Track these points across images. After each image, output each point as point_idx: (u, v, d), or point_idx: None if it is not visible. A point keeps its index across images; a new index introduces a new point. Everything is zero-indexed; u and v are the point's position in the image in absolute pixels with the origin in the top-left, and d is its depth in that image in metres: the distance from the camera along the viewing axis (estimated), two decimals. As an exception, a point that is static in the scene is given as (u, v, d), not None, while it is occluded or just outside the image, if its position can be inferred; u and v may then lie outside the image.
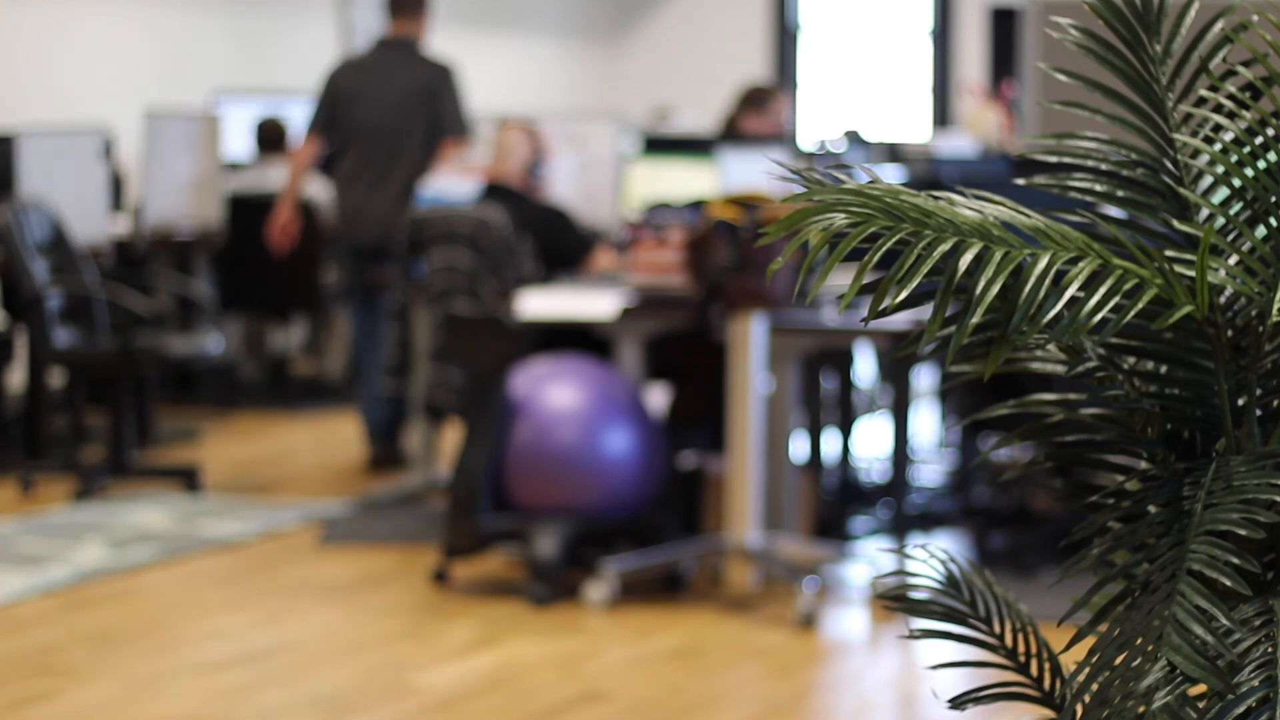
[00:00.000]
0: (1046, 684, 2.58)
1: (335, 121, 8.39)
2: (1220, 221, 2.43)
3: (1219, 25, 2.46)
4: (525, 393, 6.28)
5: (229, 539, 6.97)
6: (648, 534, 6.30)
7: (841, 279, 6.22)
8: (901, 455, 6.86)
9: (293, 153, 9.22)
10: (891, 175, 7.67)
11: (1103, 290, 2.17)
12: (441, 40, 13.19)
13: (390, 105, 8.28)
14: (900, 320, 5.97)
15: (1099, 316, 2.16)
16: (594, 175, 8.43)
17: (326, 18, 12.29)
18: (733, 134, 9.16)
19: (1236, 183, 2.39)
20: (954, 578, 2.62)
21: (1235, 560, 2.18)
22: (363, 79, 8.36)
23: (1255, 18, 2.45)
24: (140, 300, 8.25)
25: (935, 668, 2.58)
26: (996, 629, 2.60)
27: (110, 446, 7.89)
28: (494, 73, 13.69)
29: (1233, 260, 2.36)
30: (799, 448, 7.05)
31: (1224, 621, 2.17)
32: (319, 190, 9.73)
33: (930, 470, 8.04)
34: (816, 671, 5.61)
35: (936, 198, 2.27)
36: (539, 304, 6.69)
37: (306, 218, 9.54)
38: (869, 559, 6.68)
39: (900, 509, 6.85)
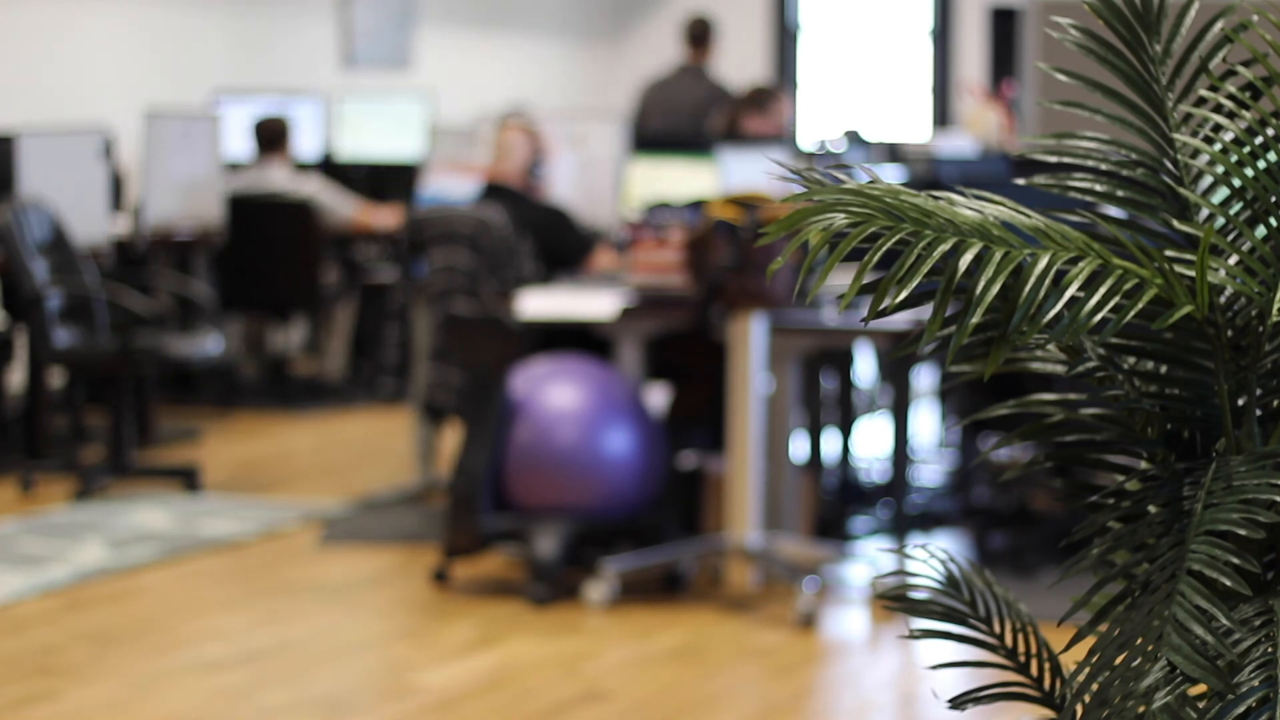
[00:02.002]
0: (1046, 684, 2.58)
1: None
2: (1220, 221, 2.43)
3: (1219, 25, 2.46)
4: (525, 393, 6.28)
5: (229, 539, 6.97)
6: (648, 534, 6.30)
7: (841, 279, 6.21)
8: (901, 455, 6.86)
9: None
10: (891, 175, 7.67)
11: (1103, 290, 2.17)
12: (441, 40, 13.20)
13: (682, 117, 10.48)
14: (900, 320, 5.96)
15: (1099, 316, 2.16)
16: (594, 175, 8.43)
17: (326, 18, 12.29)
18: (734, 134, 9.16)
19: (1236, 183, 2.39)
20: (954, 578, 2.62)
21: (1235, 560, 2.18)
22: (662, 96, 10.62)
23: (1255, 18, 2.45)
24: (140, 300, 8.25)
25: (935, 668, 2.58)
26: (996, 629, 2.59)
27: (110, 446, 7.89)
28: (494, 73, 13.69)
29: (1233, 260, 2.36)
30: (799, 448, 7.05)
31: (1224, 621, 2.17)
32: (319, 190, 9.73)
33: (930, 470, 8.04)
34: (816, 671, 5.61)
35: (936, 198, 2.27)
36: (539, 304, 6.69)
37: (306, 218, 9.54)
38: (869, 559, 6.68)
39: (900, 509, 6.85)
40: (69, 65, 10.32)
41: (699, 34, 10.95)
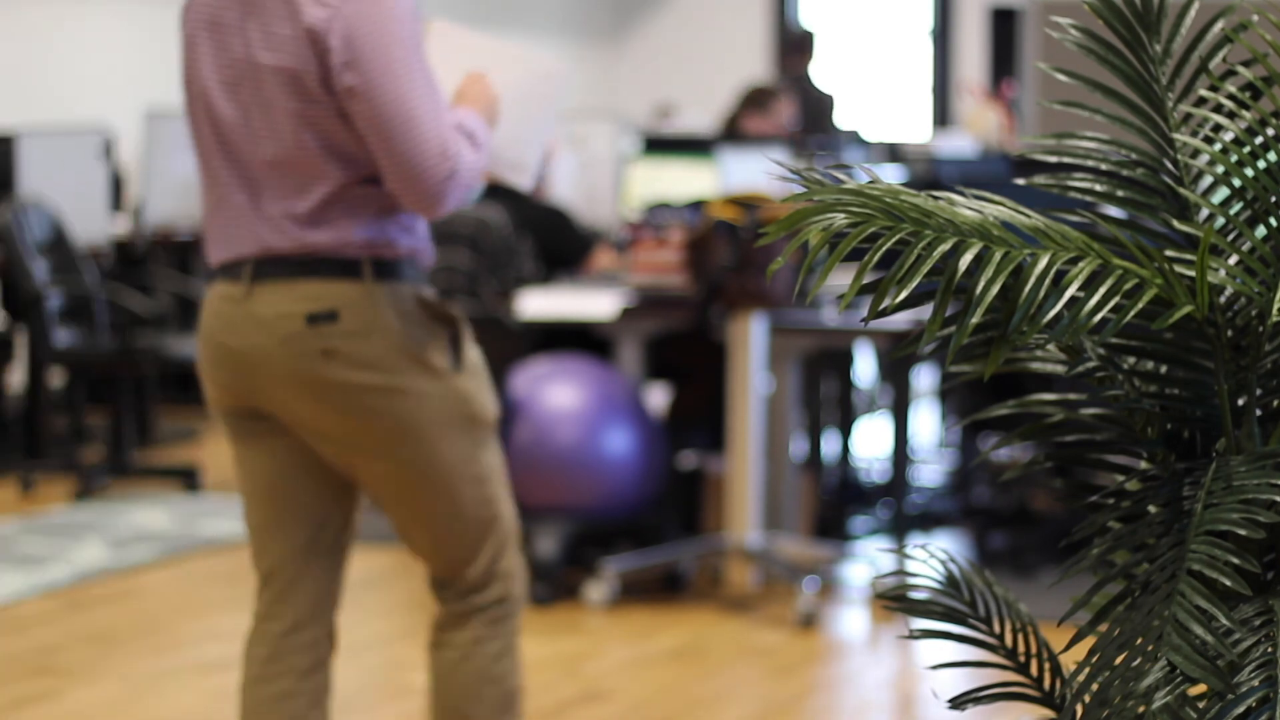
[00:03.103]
0: (1046, 684, 2.58)
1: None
2: (1220, 221, 2.43)
3: (1219, 25, 2.46)
4: (525, 393, 6.28)
5: (229, 539, 6.97)
6: (648, 534, 6.30)
7: (841, 279, 6.21)
8: (901, 455, 6.85)
9: None
10: (891, 175, 7.67)
11: (1103, 290, 2.17)
12: (441, 40, 13.18)
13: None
14: (900, 320, 5.97)
15: (1099, 316, 2.16)
16: (594, 175, 8.43)
17: (326, 18, 12.29)
18: (734, 134, 9.16)
19: (1236, 183, 2.39)
20: (954, 578, 2.62)
21: (1235, 560, 2.18)
22: None
23: (1255, 18, 2.45)
24: (140, 300, 8.25)
25: (935, 668, 2.58)
26: (996, 629, 2.59)
27: (110, 446, 7.89)
28: (494, 73, 13.68)
29: (1233, 260, 2.36)
30: (799, 448, 7.04)
31: (1224, 621, 2.17)
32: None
33: (930, 470, 8.04)
34: (816, 671, 5.61)
35: (936, 198, 2.26)
36: (539, 304, 6.69)
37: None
38: (869, 559, 6.68)
39: (900, 509, 6.85)
40: (69, 65, 10.32)
41: (797, 44, 12.12)
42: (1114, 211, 2.53)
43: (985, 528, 6.98)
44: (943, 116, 14.19)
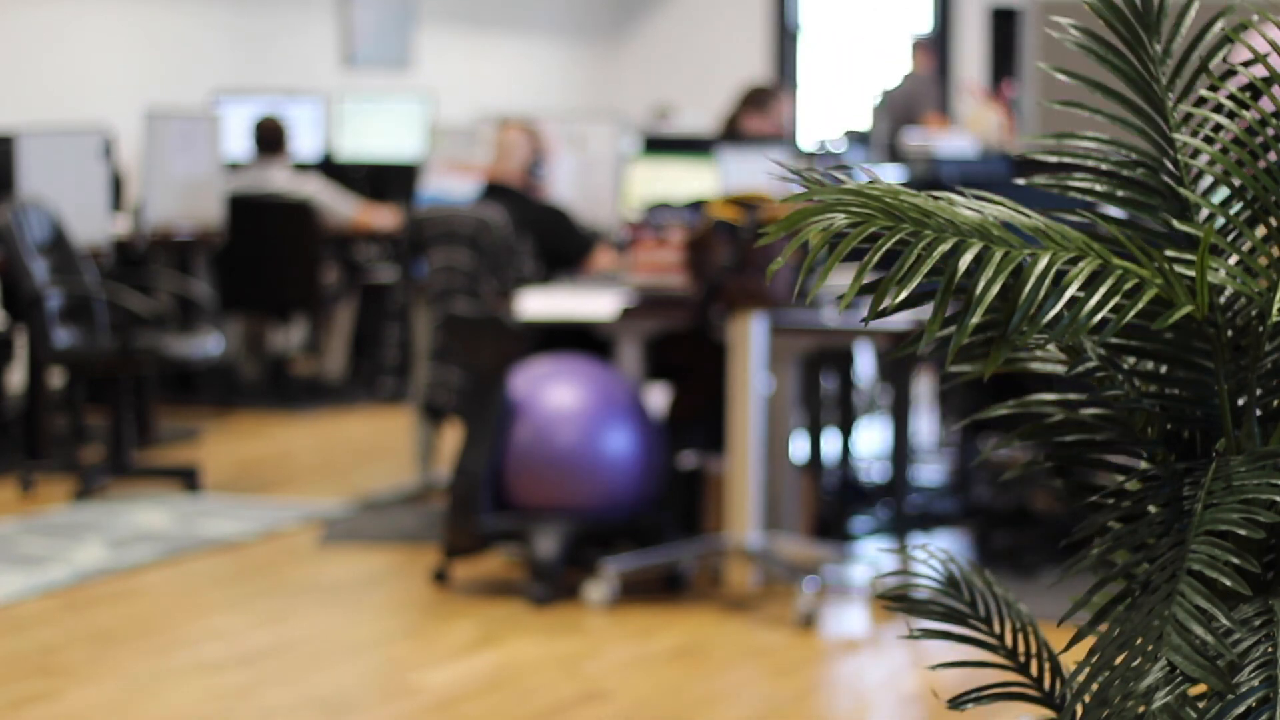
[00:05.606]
0: (1046, 684, 2.58)
1: None
2: (1220, 221, 2.43)
3: (1219, 25, 2.46)
4: (525, 393, 6.28)
5: (229, 539, 6.97)
6: (648, 534, 6.30)
7: (841, 279, 6.21)
8: (901, 455, 6.85)
9: None
10: (891, 175, 7.67)
11: (1103, 290, 2.17)
12: (441, 40, 13.19)
13: (928, 112, 12.52)
14: (900, 320, 5.96)
15: (1099, 316, 2.16)
16: (594, 175, 8.43)
17: (326, 18, 12.29)
18: (734, 134, 9.17)
19: (1236, 183, 2.39)
20: (954, 578, 2.62)
21: (1235, 560, 2.18)
22: (904, 100, 12.74)
23: (1255, 17, 2.45)
24: (140, 300, 8.25)
25: (935, 668, 2.58)
26: (996, 629, 2.59)
27: (110, 446, 7.89)
28: (494, 73, 13.69)
29: (1233, 260, 2.36)
30: (799, 448, 7.04)
31: (1224, 621, 2.17)
32: (319, 190, 9.73)
33: (930, 470, 8.04)
34: (816, 671, 5.61)
35: (936, 198, 2.27)
36: (539, 304, 6.69)
37: (306, 218, 9.54)
38: (869, 559, 6.68)
39: (900, 509, 6.84)
40: (69, 65, 10.32)
41: (923, 46, 13.30)
42: (1114, 211, 2.53)
43: (985, 528, 6.98)
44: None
